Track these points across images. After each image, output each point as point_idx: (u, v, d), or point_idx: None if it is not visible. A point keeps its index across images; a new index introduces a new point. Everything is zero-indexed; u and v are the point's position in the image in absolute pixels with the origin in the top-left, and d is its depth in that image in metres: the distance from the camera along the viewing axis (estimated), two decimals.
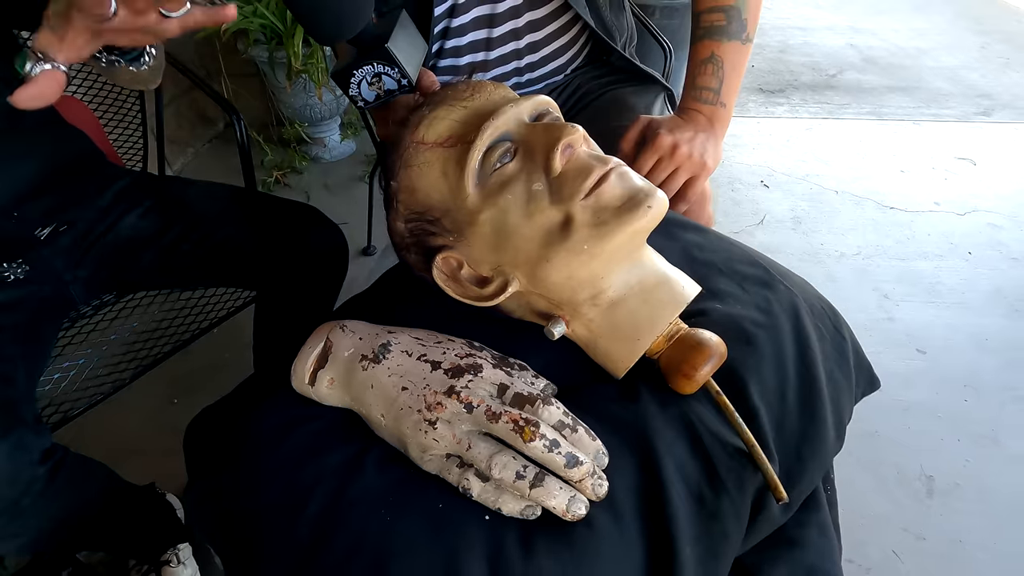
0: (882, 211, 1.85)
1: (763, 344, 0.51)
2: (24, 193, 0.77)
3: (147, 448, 1.12)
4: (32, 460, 0.64)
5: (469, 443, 0.40)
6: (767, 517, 0.44)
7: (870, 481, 1.13)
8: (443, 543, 0.37)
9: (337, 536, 0.38)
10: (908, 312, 1.49)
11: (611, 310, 0.47)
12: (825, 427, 0.50)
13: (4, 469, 0.61)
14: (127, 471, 0.85)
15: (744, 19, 0.74)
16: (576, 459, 0.39)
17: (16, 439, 0.62)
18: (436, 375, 0.43)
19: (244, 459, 0.44)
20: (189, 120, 2.17)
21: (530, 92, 0.93)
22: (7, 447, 0.61)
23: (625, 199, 0.44)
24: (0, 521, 0.64)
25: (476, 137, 0.45)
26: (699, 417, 0.46)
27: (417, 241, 0.51)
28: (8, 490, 0.62)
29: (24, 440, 0.63)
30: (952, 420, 1.23)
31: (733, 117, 0.81)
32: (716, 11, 0.74)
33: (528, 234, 0.45)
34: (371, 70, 0.55)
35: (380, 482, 0.41)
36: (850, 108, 2.45)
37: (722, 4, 0.74)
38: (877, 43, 3.07)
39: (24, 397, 0.68)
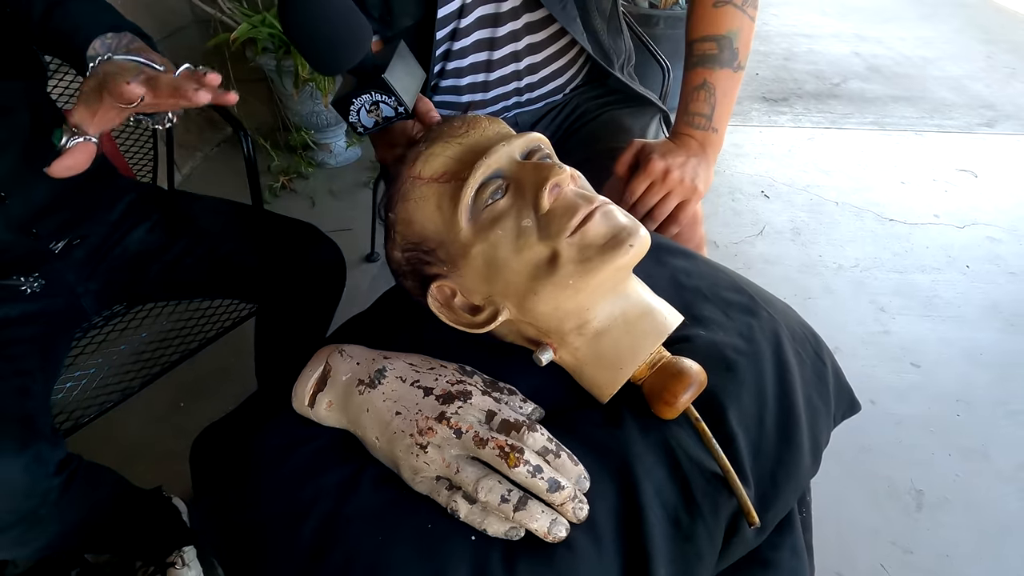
0: (881, 223, 1.86)
1: (743, 371, 0.53)
2: (42, 208, 0.80)
3: (154, 451, 1.16)
4: (48, 472, 0.66)
5: (458, 467, 0.43)
6: (741, 540, 0.47)
7: (860, 494, 1.14)
8: (431, 561, 0.40)
9: (334, 551, 0.40)
10: (904, 325, 1.50)
11: (596, 339, 0.49)
12: (801, 452, 0.52)
13: (23, 482, 0.63)
14: (135, 474, 0.88)
15: (736, 48, 0.76)
16: (558, 484, 0.41)
17: (34, 453, 0.64)
18: (428, 401, 0.45)
19: (248, 476, 0.46)
20: (198, 125, 2.20)
21: (529, 111, 0.95)
22: (25, 460, 0.63)
23: (609, 237, 0.46)
24: (20, 529, 0.66)
25: (469, 175, 0.47)
26: (679, 442, 0.48)
27: (413, 269, 0.53)
28: (26, 502, 0.65)
29: (42, 453, 0.65)
30: (944, 434, 1.25)
31: (735, 126, 0.83)
32: (708, 40, 0.76)
33: (517, 268, 0.47)
34: (369, 98, 0.58)
35: (374, 501, 0.44)
36: (853, 118, 2.46)
37: (714, 34, 0.76)
38: (882, 51, 3.07)
39: (41, 409, 0.71)
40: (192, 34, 2.09)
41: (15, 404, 0.67)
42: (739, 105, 2.53)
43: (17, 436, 0.63)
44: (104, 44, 0.69)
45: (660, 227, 0.76)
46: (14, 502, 0.64)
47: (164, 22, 2.00)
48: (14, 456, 0.62)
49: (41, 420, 0.69)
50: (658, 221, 0.76)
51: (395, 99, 0.58)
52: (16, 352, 0.73)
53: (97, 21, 0.70)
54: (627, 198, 0.75)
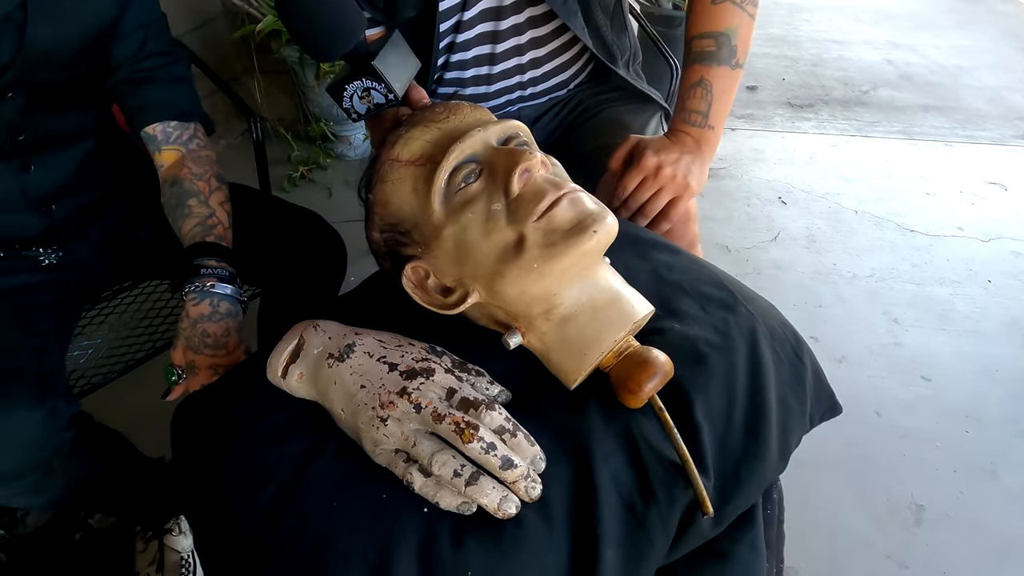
0: (901, 233, 1.82)
1: (714, 364, 0.53)
2: (65, 186, 0.84)
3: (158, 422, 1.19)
4: (62, 426, 0.70)
5: (415, 440, 0.44)
6: (697, 530, 0.47)
7: (857, 505, 1.12)
8: (382, 528, 0.41)
9: (289, 515, 0.42)
10: (917, 338, 1.46)
11: (562, 324, 0.50)
12: (768, 448, 0.52)
13: (39, 433, 0.67)
14: (140, 443, 0.91)
15: (734, 45, 0.76)
16: (511, 462, 0.42)
17: (50, 407, 0.68)
18: (392, 376, 0.46)
19: (218, 442, 0.48)
20: (223, 114, 2.26)
21: (533, 105, 0.96)
22: (42, 413, 0.67)
23: (574, 223, 0.46)
24: (34, 478, 0.71)
25: (443, 158, 0.49)
26: (641, 431, 0.49)
27: (390, 250, 0.54)
28: (41, 452, 0.69)
29: (57, 409, 0.69)
30: (950, 450, 1.22)
31: (757, 131, 0.83)
32: (707, 37, 0.76)
33: (486, 250, 0.48)
34: (361, 85, 0.60)
35: (335, 470, 0.45)
36: (880, 126, 2.40)
37: (712, 31, 0.76)
38: (916, 59, 2.99)
39: (57, 368, 0.75)
40: (221, 25, 2.14)
41: (34, 362, 0.71)
42: (762, 110, 2.50)
43: (35, 391, 0.67)
44: (164, 132, 0.80)
45: (651, 223, 0.77)
46: (30, 451, 0.68)
47: (196, 12, 2.06)
48: (32, 409, 0.66)
49: (57, 378, 0.73)
50: (649, 217, 0.76)
51: (385, 86, 0.60)
52: (34, 317, 0.78)
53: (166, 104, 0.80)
54: (619, 193, 0.76)
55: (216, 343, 0.68)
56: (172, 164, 0.79)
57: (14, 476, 0.67)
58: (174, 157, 0.80)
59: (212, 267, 0.70)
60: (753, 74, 2.81)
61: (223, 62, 2.14)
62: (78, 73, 0.77)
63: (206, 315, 0.68)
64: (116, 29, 0.75)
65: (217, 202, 0.77)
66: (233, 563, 0.42)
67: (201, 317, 0.68)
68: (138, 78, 0.78)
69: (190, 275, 0.70)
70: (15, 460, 0.65)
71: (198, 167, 0.79)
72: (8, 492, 0.69)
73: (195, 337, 0.68)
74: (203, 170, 0.79)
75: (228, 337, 0.69)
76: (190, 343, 0.68)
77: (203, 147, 0.82)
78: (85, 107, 0.83)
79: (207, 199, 0.76)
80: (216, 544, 0.45)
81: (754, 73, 2.82)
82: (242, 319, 0.71)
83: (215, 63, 2.16)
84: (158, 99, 0.79)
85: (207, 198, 0.76)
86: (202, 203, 0.76)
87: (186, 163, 0.79)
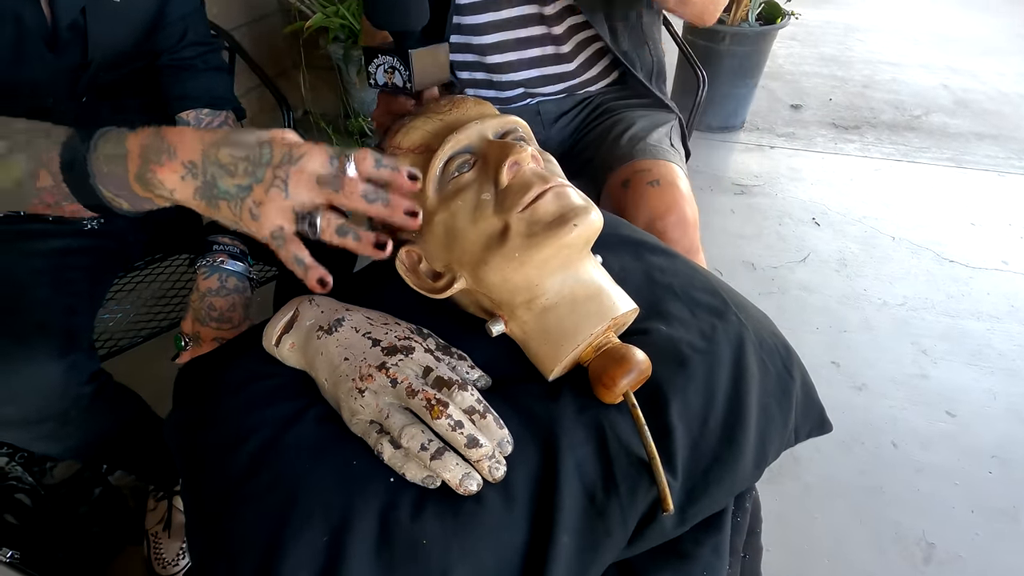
0: (940, 263, 1.75)
1: (695, 368, 0.53)
2: None
3: None
4: (82, 380, 0.75)
5: (388, 413, 0.46)
6: (658, 528, 0.47)
7: (863, 536, 1.09)
8: (347, 492, 0.43)
9: (262, 472, 0.45)
10: (945, 371, 1.41)
11: (543, 314, 0.51)
12: (742, 456, 0.52)
13: (60, 384, 0.72)
14: (158, 407, 0.96)
15: None
16: (476, 441, 0.44)
17: (72, 361, 0.73)
18: (374, 351, 0.49)
19: (207, 400, 0.51)
20: (271, 105, 2.35)
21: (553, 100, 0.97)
22: (64, 365, 0.72)
23: (556, 216, 0.48)
24: (53, 425, 0.76)
25: (439, 148, 0.51)
26: (612, 425, 0.49)
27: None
28: (60, 402, 0.74)
29: (78, 363, 0.74)
30: (970, 490, 1.17)
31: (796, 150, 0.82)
32: None
33: (472, 238, 0.50)
34: (391, 61, 0.64)
35: (313, 434, 0.47)
36: (928, 152, 2.32)
37: None
38: (975, 86, 2.88)
39: (84, 327, 0.81)
40: (275, 21, 2.24)
41: (62, 319, 0.76)
42: (805, 129, 2.45)
43: (60, 345, 0.72)
44: (197, 118, 0.85)
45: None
46: (51, 400, 0.73)
47: (253, 7, 2.16)
48: (56, 361, 0.71)
49: (82, 336, 0.78)
50: None
51: (408, 73, 0.63)
52: (70, 277, 0.83)
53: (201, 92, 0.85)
54: None
55: (221, 316, 0.72)
56: None
57: (35, 421, 0.72)
58: None
59: (224, 244, 0.74)
60: (798, 93, 2.76)
61: (274, 56, 2.24)
62: (138, 67, 0.83)
63: (214, 289, 0.72)
64: (160, 20, 0.80)
65: None
66: (208, 510, 0.45)
67: (209, 291, 0.72)
68: (176, 66, 0.83)
69: (204, 250, 0.74)
70: (36, 406, 0.70)
71: None
72: (29, 435, 0.75)
73: (202, 309, 0.72)
74: None
75: (233, 312, 0.72)
76: (198, 315, 0.72)
77: None
78: (137, 94, 0.89)
79: None
80: (196, 492, 0.47)
81: (800, 91, 2.77)
82: (249, 295, 0.75)
83: (267, 56, 2.27)
84: (194, 87, 0.84)
85: None
86: None
87: None
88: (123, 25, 0.76)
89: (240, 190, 0.43)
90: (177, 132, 0.45)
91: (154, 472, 1.03)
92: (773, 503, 1.12)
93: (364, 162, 0.44)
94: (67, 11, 0.68)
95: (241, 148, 0.43)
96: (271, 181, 0.43)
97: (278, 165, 0.43)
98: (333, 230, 0.44)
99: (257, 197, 0.43)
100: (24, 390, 0.68)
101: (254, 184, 0.43)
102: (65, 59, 0.71)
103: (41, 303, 0.74)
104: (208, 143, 0.44)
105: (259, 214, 0.43)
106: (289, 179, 0.43)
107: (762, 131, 2.42)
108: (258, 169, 0.43)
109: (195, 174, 0.43)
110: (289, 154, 0.43)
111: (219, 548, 0.44)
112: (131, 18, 0.76)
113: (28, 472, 1.04)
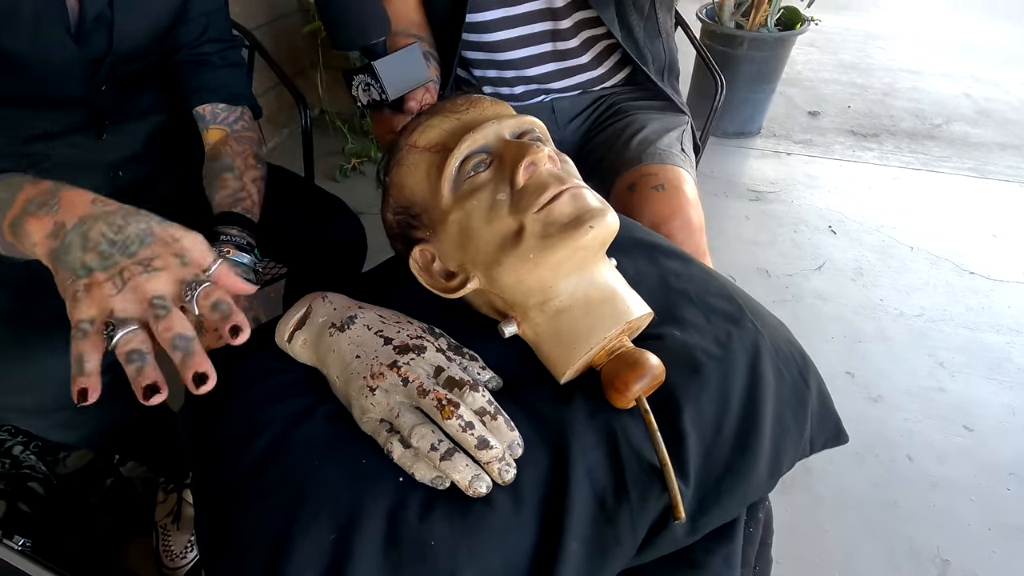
0: (959, 275, 1.72)
1: (710, 374, 0.53)
2: (132, 155, 0.91)
3: None
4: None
5: (399, 412, 0.46)
6: (669, 536, 0.46)
7: (876, 550, 1.07)
8: (356, 490, 0.43)
9: (272, 468, 0.44)
10: (962, 385, 1.38)
11: (556, 317, 0.50)
12: (756, 465, 0.51)
13: None
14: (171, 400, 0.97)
15: None
16: (487, 442, 0.43)
17: None
18: (385, 349, 0.49)
19: (220, 395, 0.51)
20: (289, 103, 2.37)
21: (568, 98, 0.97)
22: None
23: (572, 217, 0.47)
24: (69, 414, 0.77)
25: (455, 146, 0.51)
26: (624, 430, 0.49)
27: (402, 232, 0.57)
28: None
29: None
30: (987, 506, 1.14)
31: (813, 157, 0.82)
32: None
33: (487, 238, 0.49)
34: (364, 79, 0.65)
35: (323, 431, 0.47)
36: (949, 162, 2.28)
37: None
38: (998, 95, 2.83)
39: None
40: (294, 20, 2.26)
41: None
42: (822, 136, 2.42)
43: None
44: (213, 113, 0.85)
45: None
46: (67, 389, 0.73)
47: (273, 6, 2.18)
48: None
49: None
50: None
51: (380, 85, 0.64)
52: None
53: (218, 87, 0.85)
54: None
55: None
56: (216, 142, 0.85)
57: (52, 409, 0.73)
58: (218, 136, 0.85)
59: (232, 235, 0.74)
60: (817, 99, 2.73)
61: (293, 55, 2.26)
62: (153, 60, 0.84)
63: None
64: (183, 15, 0.81)
65: (251, 179, 0.82)
66: (218, 504, 0.45)
67: None
68: (195, 61, 0.84)
69: (211, 241, 0.74)
70: (53, 395, 0.71)
71: (239, 145, 0.84)
72: (45, 423, 0.76)
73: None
74: (243, 148, 0.83)
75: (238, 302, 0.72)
76: None
77: (247, 129, 0.87)
78: (158, 87, 0.90)
79: (242, 175, 0.81)
80: (206, 485, 0.48)
81: (818, 98, 2.74)
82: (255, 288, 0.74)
83: (285, 55, 2.28)
84: (211, 82, 0.85)
85: (242, 174, 0.81)
86: (236, 178, 0.80)
87: (228, 141, 0.84)
88: (147, 18, 0.77)
89: (82, 268, 0.41)
90: (74, 194, 0.44)
91: (165, 464, 1.04)
92: (784, 514, 1.11)
93: (204, 300, 0.42)
94: (94, 2, 0.69)
95: (117, 231, 0.42)
96: (112, 275, 0.41)
97: (131, 264, 0.41)
98: (124, 352, 0.42)
99: (93, 281, 0.41)
100: (42, 379, 0.69)
101: (96, 270, 0.41)
102: (88, 50, 0.72)
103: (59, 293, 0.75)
104: (90, 214, 0.42)
105: (81, 298, 0.41)
106: (128, 283, 0.41)
107: (779, 137, 2.40)
108: (112, 257, 0.41)
109: (57, 235, 0.42)
110: (150, 261, 0.42)
111: (227, 542, 0.44)
112: (155, 11, 0.77)
113: (42, 461, 1.05)
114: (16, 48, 0.67)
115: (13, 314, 0.70)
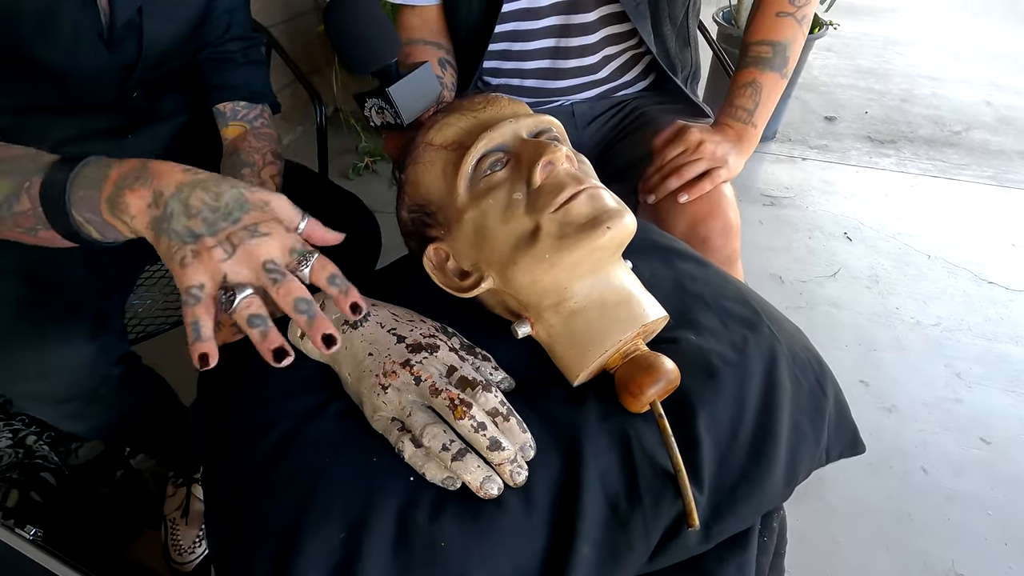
0: (978, 284, 1.69)
1: (725, 380, 0.52)
2: (155, 155, 0.91)
3: None
4: (111, 361, 0.76)
5: (411, 411, 0.45)
6: (681, 543, 0.46)
7: (889, 562, 1.05)
8: (366, 489, 0.43)
9: (282, 464, 0.44)
10: (980, 396, 1.36)
11: (570, 318, 0.50)
12: (771, 472, 0.50)
13: (90, 363, 0.74)
14: (183, 395, 0.97)
15: (787, 56, 0.80)
16: (499, 443, 0.43)
17: (103, 342, 0.75)
18: (398, 347, 0.48)
19: (232, 389, 0.51)
20: (304, 101, 2.39)
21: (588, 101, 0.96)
22: (96, 346, 0.74)
23: (589, 218, 0.47)
24: (81, 404, 0.77)
25: (472, 145, 0.50)
26: (637, 434, 0.48)
27: (416, 230, 0.56)
28: (89, 381, 0.75)
29: (109, 344, 0.76)
30: (1004, 520, 1.12)
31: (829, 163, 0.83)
32: (764, 44, 0.81)
33: (502, 237, 0.49)
34: (377, 102, 0.65)
35: (333, 429, 0.47)
36: (968, 169, 2.25)
37: (771, 39, 0.80)
38: (1020, 103, 2.78)
39: (115, 310, 0.82)
40: (311, 19, 2.27)
41: (95, 302, 0.78)
42: (839, 142, 2.40)
43: (92, 326, 0.74)
44: (233, 110, 0.86)
45: (684, 188, 0.77)
46: (80, 378, 0.75)
47: (289, 5, 2.20)
48: (87, 341, 0.73)
49: (114, 318, 0.80)
50: (683, 179, 0.77)
51: (395, 110, 0.64)
52: (103, 261, 0.85)
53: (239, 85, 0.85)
54: (659, 162, 0.79)
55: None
56: (235, 138, 0.85)
57: (64, 399, 0.73)
58: (238, 132, 0.86)
59: None
60: (833, 105, 2.70)
61: (308, 53, 2.27)
62: (180, 63, 0.85)
63: None
64: (208, 14, 0.82)
65: (268, 175, 0.82)
66: (227, 500, 0.45)
67: None
68: (218, 58, 0.85)
69: None
70: (65, 385, 0.71)
71: (257, 142, 0.84)
72: (57, 413, 0.76)
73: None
74: (261, 145, 0.84)
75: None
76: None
77: (266, 126, 0.88)
78: (182, 89, 0.91)
79: (259, 170, 0.81)
80: (216, 480, 0.47)
81: (834, 104, 2.71)
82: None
83: (301, 53, 2.30)
84: (233, 80, 0.85)
85: (260, 169, 0.81)
86: (254, 173, 0.81)
87: (247, 137, 0.85)
88: (176, 22, 0.77)
89: (188, 234, 0.41)
90: (164, 165, 0.44)
91: (175, 458, 1.05)
92: (795, 523, 1.08)
93: (320, 272, 0.43)
94: (124, 9, 0.69)
95: (215, 198, 0.42)
96: (221, 240, 0.41)
97: (238, 230, 0.41)
98: (245, 316, 0.41)
99: (200, 247, 0.41)
100: (56, 367, 0.69)
101: (205, 235, 0.41)
102: (119, 56, 0.72)
103: (76, 285, 0.76)
104: (186, 182, 0.43)
105: (191, 263, 0.41)
106: (239, 248, 0.41)
107: (794, 142, 2.38)
108: (217, 223, 0.41)
109: (158, 204, 0.42)
110: (256, 226, 0.42)
111: (236, 537, 0.43)
112: (183, 15, 0.78)
113: (54, 452, 1.06)
114: (52, 58, 0.68)
115: (31, 302, 0.70)
